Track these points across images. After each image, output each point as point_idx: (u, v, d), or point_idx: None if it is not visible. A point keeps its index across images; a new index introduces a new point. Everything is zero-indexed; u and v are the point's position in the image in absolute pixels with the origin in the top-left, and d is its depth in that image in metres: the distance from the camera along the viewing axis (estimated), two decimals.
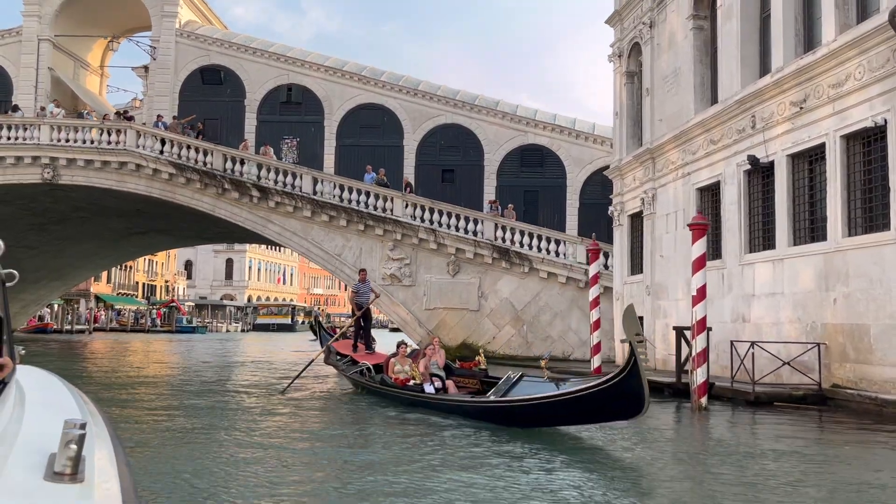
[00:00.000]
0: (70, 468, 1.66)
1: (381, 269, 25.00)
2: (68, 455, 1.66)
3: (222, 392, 14.95)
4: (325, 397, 14.06)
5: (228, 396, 14.10)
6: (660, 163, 19.65)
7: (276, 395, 13.93)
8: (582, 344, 24.27)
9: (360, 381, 13.30)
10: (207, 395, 14.35)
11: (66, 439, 1.68)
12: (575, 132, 28.01)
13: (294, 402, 12.93)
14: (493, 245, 24.44)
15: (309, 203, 24.90)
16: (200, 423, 10.34)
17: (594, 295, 16.60)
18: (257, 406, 12.51)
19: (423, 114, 28.55)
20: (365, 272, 17.16)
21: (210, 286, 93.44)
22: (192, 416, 11.11)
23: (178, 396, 14.26)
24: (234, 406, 12.58)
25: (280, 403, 12.75)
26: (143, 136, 25.60)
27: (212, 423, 10.39)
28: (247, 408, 12.24)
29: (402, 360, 12.31)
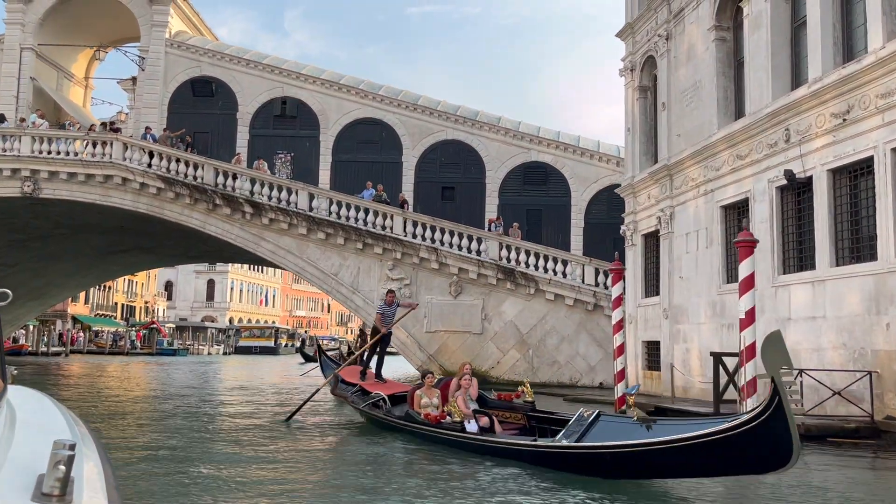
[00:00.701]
0: (58, 489, 1.65)
1: (380, 289, 23.83)
2: (57, 476, 1.65)
3: (217, 424, 13.49)
4: (333, 431, 12.58)
5: (224, 430, 12.62)
6: (678, 180, 18.77)
7: (277, 424, 12.62)
8: (590, 370, 23.27)
9: (376, 416, 11.63)
10: (203, 426, 12.95)
11: (54, 460, 1.67)
12: (580, 150, 27.18)
13: (298, 435, 11.69)
14: (497, 265, 23.43)
15: (304, 220, 23.78)
16: (195, 458, 9.13)
17: (617, 318, 15.59)
18: (257, 440, 11.12)
19: (422, 129, 27.61)
20: (393, 294, 15.40)
21: (191, 307, 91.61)
22: (184, 450, 9.85)
23: (168, 426, 12.85)
24: (233, 440, 11.16)
25: (283, 436, 11.50)
26: (131, 148, 24.41)
27: (207, 458, 9.21)
28: (246, 443, 10.86)
29: (430, 391, 10.76)
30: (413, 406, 10.67)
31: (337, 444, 11.36)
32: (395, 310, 14.73)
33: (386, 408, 11.61)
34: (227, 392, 22.41)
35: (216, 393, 22.28)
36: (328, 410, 15.43)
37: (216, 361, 51.21)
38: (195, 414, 14.91)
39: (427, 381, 10.92)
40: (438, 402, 10.56)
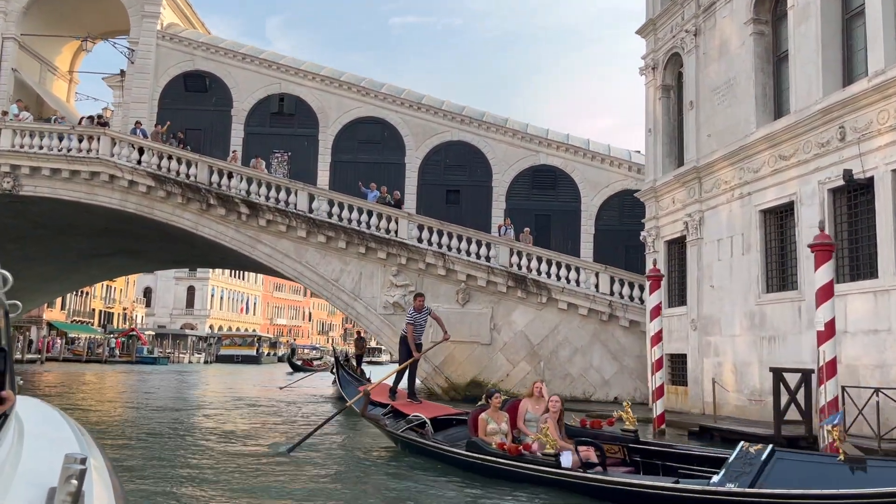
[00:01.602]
0: (70, 503, 1.64)
1: (383, 296, 22.58)
2: (69, 490, 1.65)
3: (207, 446, 11.53)
4: (355, 458, 10.40)
5: (215, 454, 10.55)
6: (708, 182, 17.71)
7: (276, 454, 10.23)
8: (604, 384, 22.10)
9: (424, 444, 9.58)
10: (198, 450, 11.09)
11: (66, 474, 1.67)
12: (590, 153, 26.09)
13: (310, 468, 9.36)
14: (508, 272, 22.21)
15: (304, 222, 22.43)
16: (187, 496, 7.71)
17: (655, 330, 14.43)
18: (263, 470, 9.18)
19: (426, 129, 26.37)
20: (423, 298, 12.98)
21: (170, 315, 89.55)
22: (174, 481, 8.41)
23: (156, 449, 10.98)
24: (232, 469, 9.29)
25: (287, 469, 9.19)
26: (119, 143, 22.93)
27: (204, 493, 7.85)
28: (250, 474, 8.91)
29: (497, 415, 8.91)
30: (477, 433, 8.80)
31: (363, 473, 9.44)
32: (426, 317, 12.72)
33: (431, 434, 9.86)
34: (222, 407, 20.95)
35: (207, 407, 20.80)
36: (337, 433, 13.04)
37: (198, 370, 49.51)
38: (188, 434, 13.34)
39: (493, 402, 9.03)
40: (507, 427, 8.84)
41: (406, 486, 8.39)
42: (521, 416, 9.00)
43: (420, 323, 12.66)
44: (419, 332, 12.67)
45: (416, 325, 12.58)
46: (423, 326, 12.78)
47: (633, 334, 22.10)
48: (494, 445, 8.44)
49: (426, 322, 12.90)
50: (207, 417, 16.62)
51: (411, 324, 12.53)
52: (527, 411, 9.02)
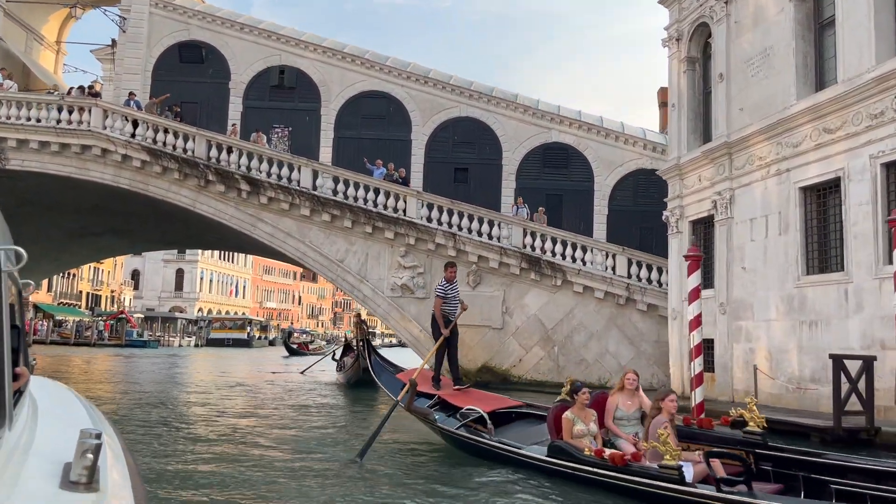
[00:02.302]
0: (86, 477, 1.66)
1: (391, 277, 21.58)
2: (84, 464, 1.67)
3: (249, 452, 9.50)
4: (408, 462, 8.96)
5: (265, 463, 8.66)
6: (740, 159, 16.78)
7: (347, 462, 8.73)
8: (621, 370, 21.05)
9: (484, 445, 8.20)
10: (246, 456, 9.17)
11: (81, 448, 1.69)
12: (604, 131, 25.09)
13: (359, 477, 7.90)
14: (521, 253, 21.25)
15: (308, 199, 21.35)
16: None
17: (694, 314, 13.49)
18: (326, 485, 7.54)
19: (434, 105, 25.26)
20: (455, 268, 11.45)
21: (158, 297, 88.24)
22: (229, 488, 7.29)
23: (195, 452, 9.46)
24: (284, 480, 7.71)
25: (364, 480, 7.81)
26: (112, 115, 21.70)
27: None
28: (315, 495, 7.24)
29: (584, 413, 7.59)
30: (562, 434, 7.47)
31: (436, 485, 7.67)
32: (457, 289, 11.11)
33: (490, 431, 8.52)
34: (237, 394, 19.94)
35: (224, 394, 19.77)
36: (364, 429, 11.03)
37: (190, 354, 48.46)
38: (221, 431, 12.10)
39: (580, 398, 7.65)
40: (597, 428, 7.55)
41: (481, 499, 7.05)
42: (610, 413, 7.73)
43: (452, 295, 10.99)
44: (452, 306, 10.98)
45: (448, 297, 10.92)
46: (456, 300, 11.08)
47: (650, 318, 21.24)
48: (588, 452, 7.06)
49: (457, 294, 11.20)
50: (243, 416, 15.48)
51: (441, 296, 10.89)
52: (617, 408, 7.73)
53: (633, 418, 7.66)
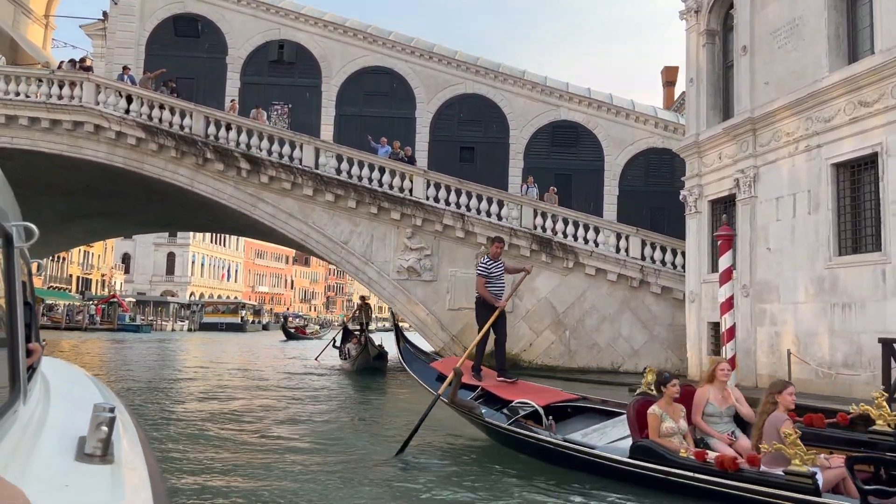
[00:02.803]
0: (100, 450, 1.71)
1: (397, 260, 20.87)
2: (99, 437, 1.72)
3: (269, 446, 8.70)
4: (464, 461, 7.98)
5: (291, 461, 7.85)
6: (765, 135, 16.09)
7: (385, 460, 7.87)
8: (634, 354, 20.67)
9: (546, 444, 7.18)
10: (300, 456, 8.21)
11: (96, 421, 1.74)
12: (614, 108, 24.34)
13: (402, 478, 7.15)
14: (532, 234, 20.57)
15: (311, 179, 20.56)
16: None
17: (726, 295, 12.85)
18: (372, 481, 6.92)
19: (439, 81, 24.42)
20: (502, 243, 10.10)
21: (149, 281, 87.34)
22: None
23: (206, 447, 8.56)
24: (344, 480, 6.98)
25: (407, 481, 7.02)
26: (105, 90, 20.80)
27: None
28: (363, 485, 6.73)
29: (672, 408, 6.55)
30: (648, 433, 6.42)
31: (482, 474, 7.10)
32: (503, 267, 9.81)
33: (551, 428, 7.52)
34: (245, 380, 19.24)
35: (231, 380, 19.07)
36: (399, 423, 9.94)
37: (184, 338, 47.69)
38: (236, 421, 11.26)
39: (669, 390, 6.58)
40: (686, 425, 6.52)
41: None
42: (699, 409, 6.70)
43: (497, 274, 9.59)
44: (498, 286, 9.65)
45: (491, 276, 9.50)
46: (501, 279, 9.69)
47: (664, 301, 20.65)
48: (685, 453, 6.00)
49: (502, 273, 9.78)
50: (270, 407, 14.70)
51: (483, 275, 9.54)
52: (707, 402, 6.70)
53: (727, 415, 6.68)
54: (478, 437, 8.92)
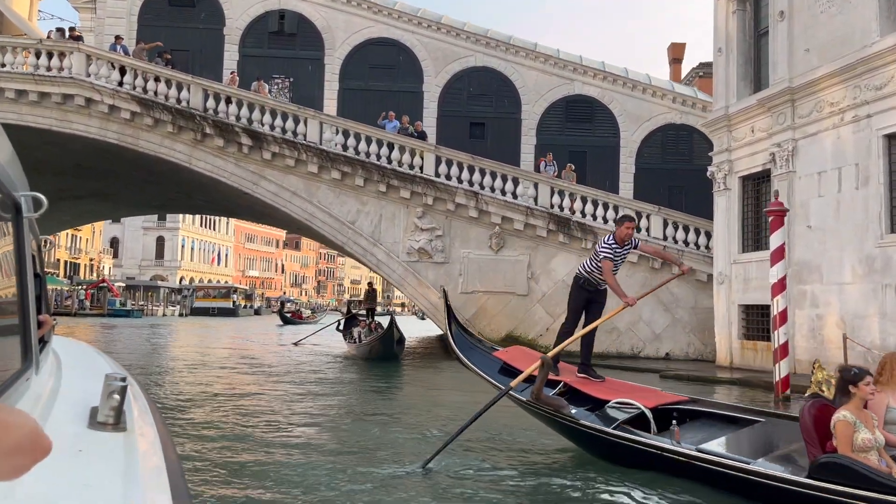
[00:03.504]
0: (113, 418, 1.73)
1: (407, 241, 19.86)
2: (111, 405, 1.74)
3: (277, 443, 7.70)
4: (551, 470, 6.60)
5: (303, 463, 6.71)
6: (806, 105, 15.14)
7: (412, 472, 6.35)
8: (655, 338, 19.80)
9: (664, 452, 5.73)
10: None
11: (108, 390, 1.75)
12: (630, 82, 23.33)
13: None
14: (549, 213, 19.60)
15: (316, 155, 19.47)
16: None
17: (779, 276, 11.95)
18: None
19: (447, 53, 23.30)
20: (633, 223, 7.96)
21: (139, 266, 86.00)
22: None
23: (210, 442, 7.75)
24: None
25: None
26: (96, 61, 19.57)
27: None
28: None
29: (863, 414, 4.84)
30: (839, 445, 4.75)
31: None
32: (628, 252, 7.88)
33: (675, 437, 5.83)
34: (248, 367, 18.20)
35: (232, 367, 18.03)
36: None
37: (176, 323, 46.57)
38: (240, 414, 10.54)
39: (862, 390, 4.81)
40: (882, 438, 4.86)
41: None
42: (882, 414, 5.23)
43: (620, 259, 7.78)
44: (614, 271, 7.75)
45: (617, 261, 7.74)
46: (620, 265, 7.88)
47: (686, 283, 19.74)
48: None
49: (625, 258, 7.99)
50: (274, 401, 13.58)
51: (610, 258, 7.58)
52: (888, 407, 5.34)
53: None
54: (548, 443, 7.53)
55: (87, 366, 2.71)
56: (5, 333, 1.84)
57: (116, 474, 1.47)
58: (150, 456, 1.66)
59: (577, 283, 8.01)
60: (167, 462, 1.65)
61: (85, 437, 1.64)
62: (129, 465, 1.54)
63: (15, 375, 1.73)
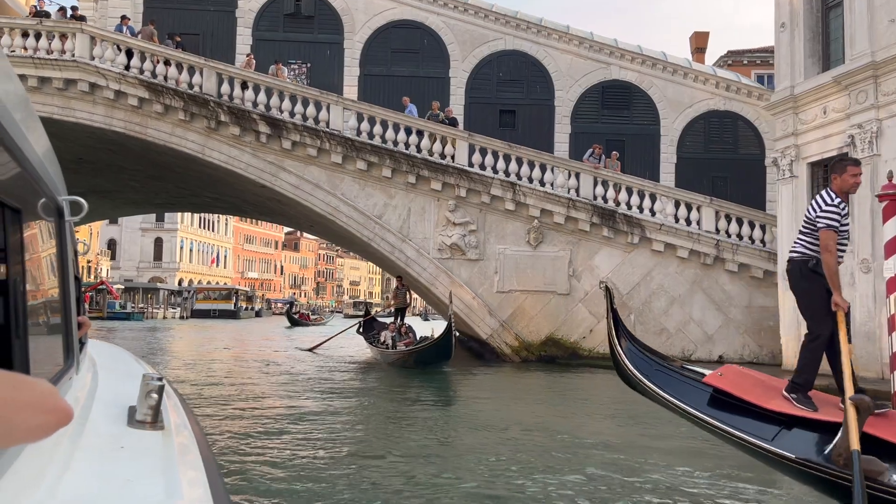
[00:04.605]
0: (150, 417, 1.79)
1: (438, 236, 18.39)
2: (149, 404, 1.80)
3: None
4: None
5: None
6: (891, 82, 13.69)
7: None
8: (707, 340, 18.34)
9: None
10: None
11: (146, 390, 1.81)
12: (671, 66, 21.87)
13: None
14: (592, 206, 18.13)
15: (340, 144, 17.98)
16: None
17: (894, 272, 10.47)
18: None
19: (475, 36, 21.80)
20: (859, 168, 5.05)
21: (137, 267, 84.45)
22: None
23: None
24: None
25: None
26: (101, 44, 18.04)
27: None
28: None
29: None
30: None
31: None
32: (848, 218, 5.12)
33: None
34: (274, 377, 16.69)
35: (254, 375, 16.52)
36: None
37: (178, 326, 45.03)
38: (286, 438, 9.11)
39: None
40: None
41: None
42: None
43: (846, 227, 5.00)
44: (842, 244, 5.00)
45: (842, 230, 4.96)
46: (845, 240, 5.03)
47: (740, 281, 18.33)
48: None
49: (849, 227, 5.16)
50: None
51: (835, 225, 4.90)
52: None
53: None
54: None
55: (121, 366, 2.81)
56: (49, 333, 1.88)
57: (156, 470, 1.52)
58: (187, 452, 1.71)
59: (808, 269, 5.10)
60: (203, 459, 1.69)
61: (125, 435, 1.70)
62: (167, 461, 1.58)
63: (58, 374, 1.82)
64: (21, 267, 1.58)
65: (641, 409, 8.50)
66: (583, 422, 10.40)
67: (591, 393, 13.88)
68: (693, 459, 7.26)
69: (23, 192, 1.64)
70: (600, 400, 12.70)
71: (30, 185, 1.69)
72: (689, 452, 7.67)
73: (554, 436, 8.97)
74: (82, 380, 2.12)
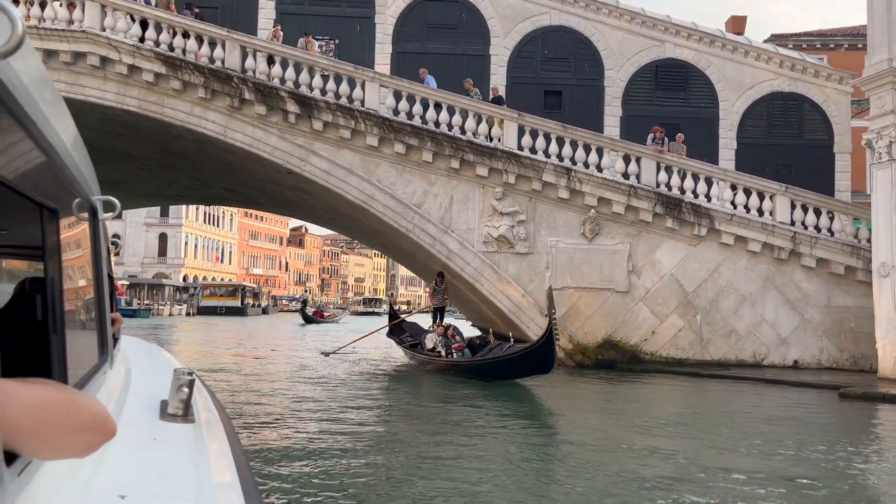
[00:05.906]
0: (182, 410, 1.85)
1: (483, 227, 16.69)
2: (181, 398, 1.86)
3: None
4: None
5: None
6: None
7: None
8: (781, 343, 16.60)
9: None
10: None
11: (177, 384, 1.87)
12: (730, 44, 20.12)
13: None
14: (656, 194, 16.40)
15: (377, 125, 16.26)
16: None
17: None
18: None
19: (517, 11, 20.04)
20: None
21: (141, 264, 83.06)
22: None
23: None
24: None
25: None
26: (113, 13, 16.31)
27: None
28: None
29: None
30: None
31: None
32: None
33: None
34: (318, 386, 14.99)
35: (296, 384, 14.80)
36: None
37: (186, 323, 43.51)
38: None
39: None
40: None
41: None
42: None
43: None
44: None
45: None
46: None
47: (818, 277, 16.61)
48: None
49: None
50: None
51: None
52: None
53: None
54: None
55: (152, 361, 2.90)
56: (85, 329, 1.93)
57: (188, 462, 1.57)
58: (217, 445, 1.76)
59: None
60: (233, 451, 1.73)
61: (157, 428, 1.76)
62: (198, 453, 1.64)
63: (94, 369, 1.86)
64: (58, 266, 1.61)
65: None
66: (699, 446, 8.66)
67: (681, 405, 12.14)
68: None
69: (59, 192, 1.68)
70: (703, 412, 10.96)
71: (65, 185, 1.73)
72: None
73: (672, 459, 7.32)
74: (116, 374, 2.19)
